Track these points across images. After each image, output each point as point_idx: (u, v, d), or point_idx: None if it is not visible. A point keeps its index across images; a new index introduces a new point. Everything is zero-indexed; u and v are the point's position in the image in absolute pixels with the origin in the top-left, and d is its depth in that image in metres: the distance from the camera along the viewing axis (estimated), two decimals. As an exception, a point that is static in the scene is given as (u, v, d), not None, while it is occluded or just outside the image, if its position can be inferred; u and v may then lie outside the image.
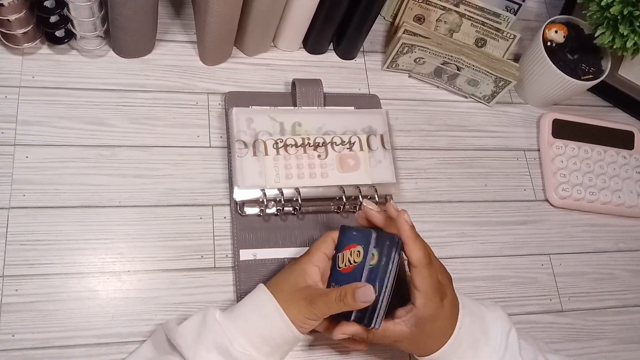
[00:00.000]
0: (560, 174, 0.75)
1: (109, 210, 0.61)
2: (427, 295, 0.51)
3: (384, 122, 0.70)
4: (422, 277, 0.51)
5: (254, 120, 0.65)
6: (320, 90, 0.70)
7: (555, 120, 0.78)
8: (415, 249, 0.52)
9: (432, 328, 0.52)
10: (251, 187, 0.63)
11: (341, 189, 0.65)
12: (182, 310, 0.59)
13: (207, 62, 0.70)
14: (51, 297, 0.57)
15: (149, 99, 0.67)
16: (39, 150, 0.62)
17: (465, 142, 0.76)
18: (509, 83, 0.74)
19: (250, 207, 0.63)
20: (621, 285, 0.73)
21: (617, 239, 0.76)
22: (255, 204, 0.63)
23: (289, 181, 0.64)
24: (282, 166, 0.64)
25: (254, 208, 0.64)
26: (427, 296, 0.51)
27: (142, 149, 0.65)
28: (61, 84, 0.65)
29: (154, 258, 0.61)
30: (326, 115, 0.68)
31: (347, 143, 0.67)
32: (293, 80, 0.70)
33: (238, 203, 0.63)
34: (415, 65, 0.75)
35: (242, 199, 0.63)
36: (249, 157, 0.64)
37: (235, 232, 0.63)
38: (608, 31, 0.68)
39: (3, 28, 0.61)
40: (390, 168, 0.68)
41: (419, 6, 0.75)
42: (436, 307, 0.51)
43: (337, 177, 0.65)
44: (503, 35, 0.76)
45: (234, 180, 0.63)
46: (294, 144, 0.65)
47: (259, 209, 0.63)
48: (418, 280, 0.51)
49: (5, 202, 0.59)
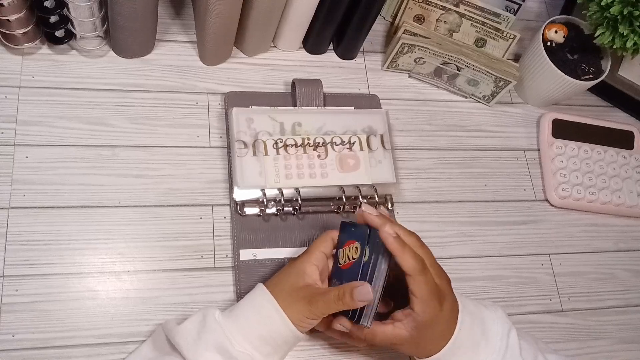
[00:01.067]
0: (560, 173, 0.75)
1: (109, 210, 0.61)
2: (424, 301, 0.51)
3: (384, 122, 0.70)
4: (417, 284, 0.51)
5: (254, 120, 0.65)
6: (320, 90, 0.70)
7: (555, 120, 0.78)
8: (405, 259, 0.51)
9: (431, 331, 0.52)
10: (251, 187, 0.63)
11: (341, 189, 0.65)
12: (182, 310, 0.59)
13: (207, 62, 0.70)
14: (51, 297, 0.57)
15: (149, 99, 0.67)
16: (39, 150, 0.62)
17: (465, 142, 0.76)
18: (508, 83, 0.74)
19: (250, 207, 0.63)
20: (621, 285, 0.73)
21: (617, 239, 0.76)
22: (255, 204, 0.63)
23: (289, 181, 0.64)
24: (282, 166, 0.64)
25: (254, 208, 0.64)
26: (425, 302, 0.51)
27: (142, 149, 0.65)
28: (61, 84, 0.65)
29: (154, 258, 0.61)
30: (326, 115, 0.68)
31: (347, 143, 0.67)
32: (293, 80, 0.70)
33: (238, 203, 0.63)
34: (415, 65, 0.75)
35: (242, 199, 0.63)
36: (249, 157, 0.64)
37: (235, 232, 0.63)
38: (608, 31, 0.68)
39: (3, 28, 0.61)
40: (390, 168, 0.68)
41: (418, 6, 0.75)
42: (435, 312, 0.51)
43: (337, 177, 0.65)
44: (503, 35, 0.76)
45: (234, 180, 0.63)
46: (294, 144, 0.65)
47: (258, 209, 0.63)
48: (414, 287, 0.51)
49: (5, 202, 0.59)
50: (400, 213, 0.69)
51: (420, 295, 0.51)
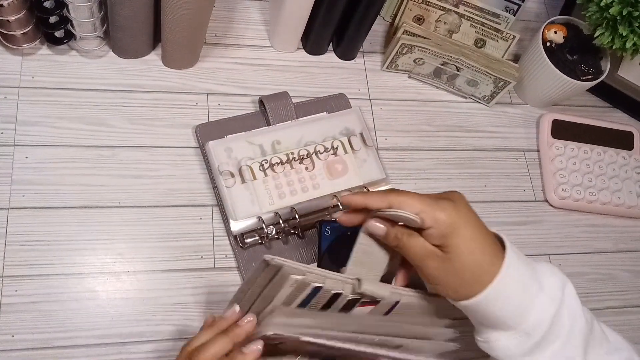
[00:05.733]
0: (559, 174, 0.75)
1: (108, 210, 0.61)
2: (426, 211, 0.43)
3: (360, 120, 0.69)
4: (407, 204, 0.44)
5: (232, 149, 0.64)
6: (290, 102, 0.68)
7: (554, 120, 0.79)
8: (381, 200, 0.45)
9: (462, 240, 0.43)
10: (246, 217, 0.61)
11: (334, 196, 0.64)
12: (182, 310, 0.59)
13: (171, 65, 0.69)
14: (51, 297, 0.57)
15: (148, 99, 0.67)
16: (39, 150, 0.62)
17: (465, 142, 0.76)
18: (508, 83, 0.74)
19: (250, 237, 0.62)
20: (621, 286, 0.73)
21: (617, 239, 0.76)
22: (254, 233, 0.62)
23: (283, 200, 0.63)
24: (273, 187, 0.63)
25: (254, 237, 0.62)
26: (428, 211, 0.43)
27: (141, 149, 0.65)
28: (61, 85, 0.65)
29: (154, 258, 0.61)
30: (302, 126, 0.67)
31: (331, 149, 0.66)
32: (259, 98, 0.68)
33: (237, 236, 0.62)
34: (414, 66, 0.75)
35: (240, 231, 0.61)
36: (238, 185, 0.62)
37: (242, 265, 0.62)
38: (607, 32, 0.68)
39: (3, 28, 0.61)
40: (377, 164, 0.67)
41: (418, 7, 0.75)
42: (449, 215, 0.43)
43: (328, 185, 0.65)
44: (502, 35, 0.76)
45: (228, 213, 0.61)
46: (280, 162, 0.64)
47: (258, 236, 0.62)
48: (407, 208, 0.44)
49: (5, 203, 0.59)
50: (400, 213, 0.69)
51: (420, 208, 0.43)
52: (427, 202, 0.44)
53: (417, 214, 0.43)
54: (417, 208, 0.43)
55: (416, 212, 0.43)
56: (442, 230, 0.43)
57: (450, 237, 0.43)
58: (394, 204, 0.44)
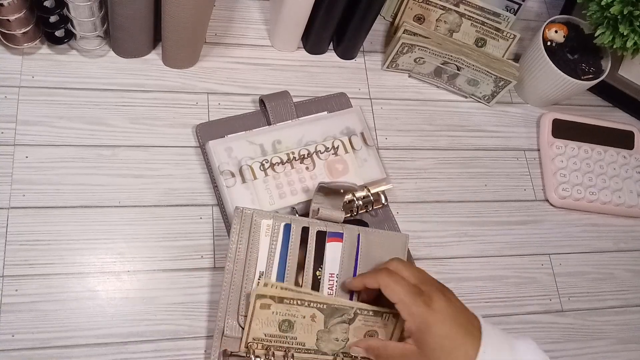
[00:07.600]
0: (560, 173, 0.75)
1: (108, 210, 0.61)
2: (404, 303, 0.50)
3: (361, 119, 0.69)
4: (390, 290, 0.51)
5: (233, 148, 0.63)
6: (290, 101, 0.68)
7: (555, 120, 0.78)
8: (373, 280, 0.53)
9: (433, 338, 0.49)
10: None
11: None
12: (182, 310, 0.59)
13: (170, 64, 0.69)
14: (51, 297, 0.57)
15: (148, 99, 0.67)
16: (39, 150, 0.62)
17: (465, 142, 0.76)
18: (509, 83, 0.74)
19: None
20: (621, 285, 0.73)
21: (617, 239, 0.76)
22: None
23: (283, 200, 0.63)
24: (274, 186, 0.63)
25: None
26: (405, 304, 0.50)
27: (142, 149, 0.65)
28: (61, 84, 0.65)
29: (154, 258, 0.61)
30: (302, 126, 0.67)
31: (332, 149, 0.66)
32: (260, 97, 0.68)
33: None
34: (415, 65, 0.75)
35: None
36: (239, 185, 0.62)
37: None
38: (608, 31, 0.68)
39: (3, 28, 0.61)
40: (377, 164, 0.67)
41: (419, 6, 0.75)
42: (423, 313, 0.49)
43: None
44: (503, 35, 0.76)
45: (228, 213, 0.61)
46: (280, 162, 0.64)
47: None
48: (388, 294, 0.51)
49: (5, 202, 0.59)
50: (400, 213, 0.69)
51: (398, 299, 0.50)
52: (409, 295, 0.50)
53: (396, 303, 0.50)
54: (396, 298, 0.50)
55: (395, 301, 0.50)
56: (416, 324, 0.49)
57: (424, 332, 0.49)
58: (381, 285, 0.52)
